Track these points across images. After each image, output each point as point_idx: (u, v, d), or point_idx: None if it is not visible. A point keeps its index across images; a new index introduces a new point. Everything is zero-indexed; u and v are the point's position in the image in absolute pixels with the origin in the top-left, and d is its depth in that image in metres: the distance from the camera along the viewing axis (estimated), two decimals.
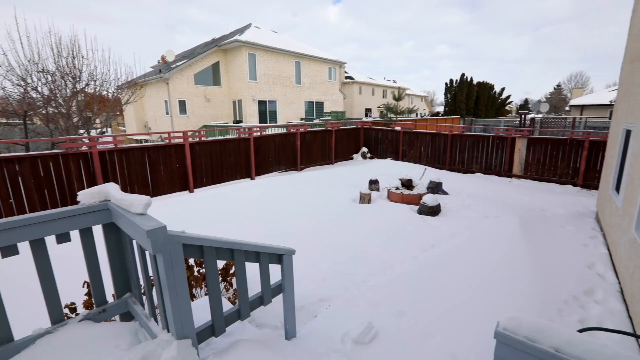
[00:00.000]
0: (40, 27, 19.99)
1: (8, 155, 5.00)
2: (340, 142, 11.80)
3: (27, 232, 1.59)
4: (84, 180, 5.68)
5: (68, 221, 1.70)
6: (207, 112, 19.05)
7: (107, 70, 11.87)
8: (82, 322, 1.83)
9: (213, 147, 7.72)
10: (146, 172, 6.51)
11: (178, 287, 1.51)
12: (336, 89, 25.21)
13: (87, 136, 6.23)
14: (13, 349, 1.60)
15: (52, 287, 1.74)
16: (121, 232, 1.89)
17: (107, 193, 1.82)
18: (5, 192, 4.93)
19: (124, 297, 2.02)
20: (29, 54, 9.91)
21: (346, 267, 3.81)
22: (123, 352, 1.63)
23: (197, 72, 18.41)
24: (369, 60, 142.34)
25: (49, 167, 5.31)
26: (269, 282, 2.08)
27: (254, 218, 5.37)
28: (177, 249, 1.49)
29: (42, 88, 10.20)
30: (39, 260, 1.67)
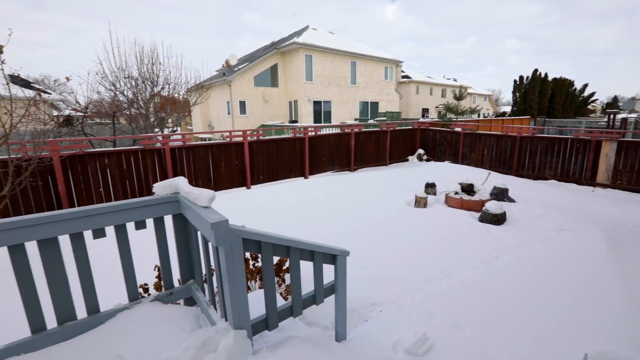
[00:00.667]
0: (127, 39, 22.74)
1: (100, 150, 5.77)
2: (395, 143, 11.46)
3: (113, 218, 1.79)
4: (157, 173, 6.32)
5: (145, 210, 1.88)
6: (265, 112, 19.92)
7: (179, 75, 13.06)
8: (153, 302, 2.00)
9: (270, 146, 8.04)
10: (209, 167, 7.03)
11: (237, 279, 1.57)
12: (392, 89, 24.58)
13: (161, 134, 6.92)
14: (99, 319, 1.81)
15: (130, 268, 1.94)
16: (188, 223, 2.03)
17: (177, 186, 1.97)
18: (97, 182, 5.70)
19: (187, 283, 2.17)
20: (118, 63, 11.32)
21: (399, 272, 3.67)
22: (186, 334, 1.74)
23: (256, 74, 19.35)
24: (427, 58, 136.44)
25: (130, 161, 6.02)
26: (322, 281, 2.07)
27: (306, 217, 5.45)
28: (237, 243, 1.55)
29: (127, 92, 11.59)
30: (121, 244, 1.87)
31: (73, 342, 1.70)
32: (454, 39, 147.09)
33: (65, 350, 1.63)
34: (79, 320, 1.79)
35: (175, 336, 1.73)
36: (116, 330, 1.77)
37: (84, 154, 5.56)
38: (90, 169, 5.64)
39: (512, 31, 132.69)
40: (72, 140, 5.79)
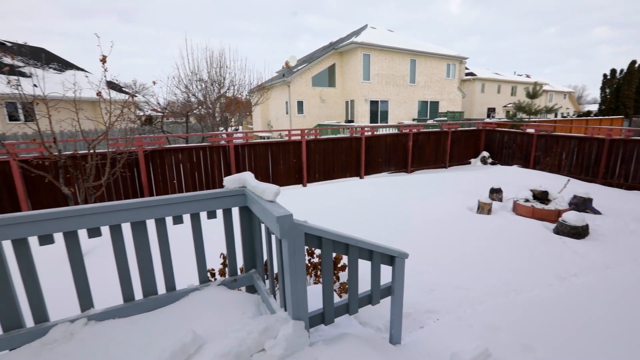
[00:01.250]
0: (200, 45, 24.86)
1: (175, 146, 6.43)
2: (456, 145, 10.81)
3: (190, 207, 1.98)
4: (222, 168, 6.83)
5: (216, 201, 2.05)
6: (322, 112, 20.23)
7: (243, 77, 13.92)
8: (219, 286, 2.18)
9: (326, 145, 8.15)
10: (268, 164, 7.38)
11: (298, 272, 1.64)
12: (454, 87, 23.19)
13: (226, 132, 7.46)
14: (175, 296, 2.02)
15: (202, 254, 2.13)
16: (253, 215, 2.16)
17: (244, 180, 2.10)
18: (172, 174, 6.36)
19: (249, 272, 2.31)
20: (192, 67, 12.44)
21: (458, 280, 3.47)
22: (248, 319, 1.86)
23: (314, 75, 19.73)
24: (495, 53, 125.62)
25: (199, 156, 6.60)
26: (379, 282, 2.05)
27: (360, 217, 5.42)
28: (300, 237, 1.61)
29: (198, 94, 12.70)
30: (195, 231, 2.06)
31: (155, 313, 1.92)
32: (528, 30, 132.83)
33: (149, 320, 1.86)
34: (159, 295, 2.03)
35: (239, 319, 1.86)
36: (189, 308, 1.96)
37: (163, 149, 6.24)
38: (167, 162, 6.31)
39: (603, 18, 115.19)
40: (153, 137, 6.53)
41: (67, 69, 17.85)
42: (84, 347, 1.65)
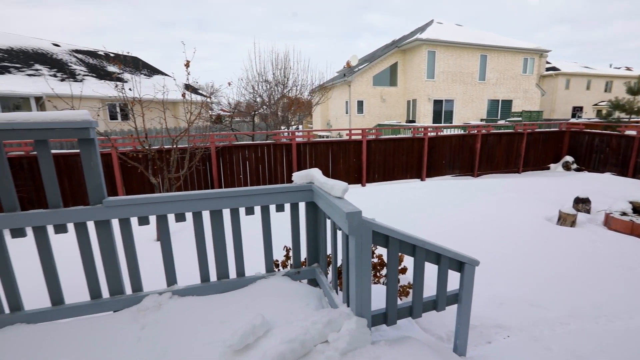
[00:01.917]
0: (266, 48, 26.14)
1: (242, 143, 6.90)
2: (533, 148, 9.75)
3: (261, 199, 2.12)
4: (284, 165, 7.14)
5: (285, 195, 2.15)
6: (382, 111, 19.87)
7: (306, 77, 14.34)
8: (283, 277, 2.28)
9: (387, 145, 8.00)
10: (328, 163, 7.50)
11: (363, 268, 1.64)
12: (531, 84, 20.91)
13: (289, 131, 7.77)
14: (244, 281, 2.18)
15: (269, 244, 2.26)
16: (318, 211, 2.22)
17: (312, 176, 2.17)
18: (239, 169, 6.85)
19: (312, 266, 2.38)
20: (258, 69, 13.19)
21: (534, 297, 3.13)
22: (311, 310, 1.92)
23: (375, 74, 19.45)
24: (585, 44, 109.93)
25: (263, 153, 6.99)
26: (445, 288, 1.96)
27: (421, 220, 5.21)
28: (368, 234, 1.61)
29: (263, 94, 13.41)
30: (265, 223, 2.19)
31: (227, 295, 2.09)
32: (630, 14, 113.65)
33: (222, 301, 2.03)
34: (230, 279, 2.20)
35: (303, 310, 1.92)
36: (256, 294, 2.09)
37: (232, 146, 6.74)
38: (235, 158, 6.81)
39: None
40: (223, 135, 7.09)
41: (154, 74, 20.22)
42: (169, 317, 1.87)
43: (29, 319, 1.86)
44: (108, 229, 1.91)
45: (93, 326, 1.83)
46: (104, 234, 1.91)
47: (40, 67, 15.65)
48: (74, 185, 5.77)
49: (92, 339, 1.72)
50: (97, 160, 1.82)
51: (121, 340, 1.71)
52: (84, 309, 1.95)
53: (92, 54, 19.98)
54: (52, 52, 17.83)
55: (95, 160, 1.81)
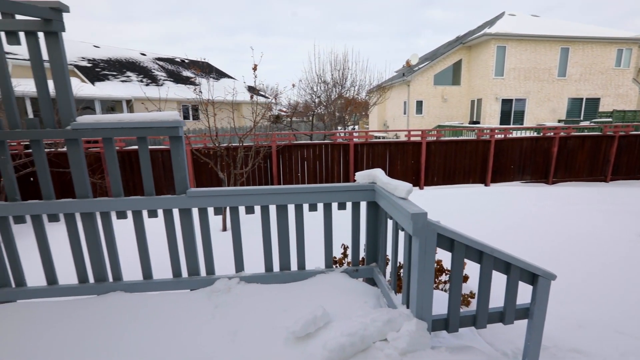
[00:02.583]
0: (325, 50, 26.60)
1: (301, 142, 7.15)
2: (626, 153, 8.46)
3: (323, 197, 2.20)
4: (341, 165, 7.23)
5: (347, 194, 2.20)
6: (442, 112, 18.93)
7: (364, 78, 14.27)
8: (342, 273, 2.34)
9: (448, 147, 7.62)
10: (385, 164, 7.40)
11: (426, 271, 1.62)
12: (626, 79, 18.10)
13: (347, 131, 7.84)
14: (304, 274, 2.28)
15: (330, 241, 2.33)
16: (379, 211, 2.23)
17: (375, 176, 2.19)
18: (297, 168, 7.12)
19: (371, 265, 2.40)
20: (317, 70, 13.49)
21: (622, 323, 2.75)
22: (370, 308, 1.94)
23: (437, 73, 18.59)
24: None
25: (321, 152, 7.15)
26: (514, 300, 1.83)
27: (485, 228, 4.88)
28: (432, 237, 1.58)
29: (321, 95, 13.69)
30: (327, 220, 2.27)
31: (288, 285, 2.21)
32: None
33: (284, 290, 2.15)
34: (292, 271, 2.32)
35: (361, 307, 1.96)
36: (316, 287, 2.18)
37: (291, 145, 7.02)
38: (294, 157, 7.08)
39: None
40: (284, 134, 7.41)
41: (222, 78, 21.84)
42: (238, 300, 2.05)
43: (126, 288, 2.18)
44: (189, 216, 2.15)
45: (174, 300, 2.08)
46: (186, 220, 2.16)
47: (131, 74, 17.94)
48: (157, 178, 6.56)
49: (175, 312, 1.96)
50: (183, 155, 2.07)
51: (198, 315, 1.93)
52: (167, 285, 2.23)
53: (170, 61, 22.29)
54: (140, 60, 20.30)
55: (181, 155, 2.06)
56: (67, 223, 2.13)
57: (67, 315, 1.94)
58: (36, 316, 1.93)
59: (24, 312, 1.99)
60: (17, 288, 2.17)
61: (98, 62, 17.57)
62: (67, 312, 1.96)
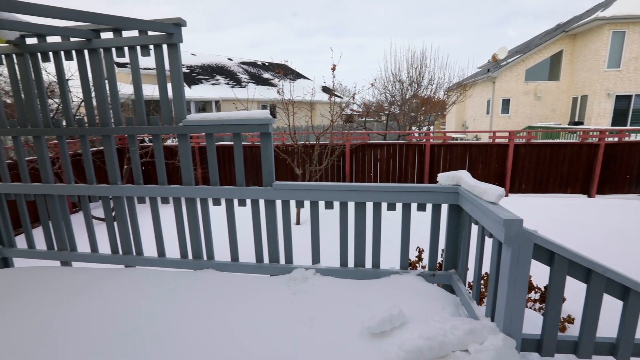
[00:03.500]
0: (402, 47, 25.86)
1: (375, 142, 7.10)
2: None
3: (402, 197, 2.16)
4: (415, 166, 6.97)
5: (428, 195, 2.13)
6: (534, 111, 16.80)
7: (443, 75, 13.44)
8: (417, 276, 2.27)
9: (542, 151, 6.73)
10: (465, 167, 6.89)
11: (518, 283, 1.48)
12: None
13: (424, 131, 7.52)
14: (378, 273, 2.28)
15: (406, 242, 2.28)
16: (462, 215, 2.11)
17: (459, 178, 2.08)
18: (369, 167, 7.09)
19: (449, 271, 2.28)
20: (393, 69, 13.17)
21: None
22: (448, 315, 1.86)
23: (529, 67, 16.55)
24: None
25: (395, 153, 7.00)
26: (633, 333, 1.56)
27: (591, 248, 4.20)
28: (528, 246, 1.45)
29: (396, 94, 13.34)
30: (405, 220, 2.23)
31: (362, 282, 2.24)
32: None
33: (358, 286, 2.18)
34: (366, 268, 2.34)
35: (439, 312, 1.88)
36: (391, 287, 2.16)
37: (364, 144, 7.02)
38: (367, 156, 7.07)
39: None
40: (358, 133, 7.44)
41: (298, 79, 22.83)
42: (314, 290, 2.15)
43: (217, 267, 2.46)
44: (274, 207, 2.33)
45: (257, 283, 2.28)
46: (270, 211, 2.34)
47: (219, 77, 19.96)
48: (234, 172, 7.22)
49: (258, 293, 2.15)
50: (272, 150, 2.24)
51: (278, 299, 2.08)
52: (250, 268, 2.45)
53: (253, 64, 24.13)
54: (227, 65, 22.44)
55: (270, 150, 2.24)
56: (175, 206, 2.50)
57: (171, 283, 2.28)
58: (150, 281, 2.31)
59: (141, 276, 2.39)
60: (137, 256, 2.63)
61: (194, 68, 19.96)
62: (172, 281, 2.30)
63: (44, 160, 2.60)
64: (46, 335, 1.78)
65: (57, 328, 1.83)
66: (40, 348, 1.70)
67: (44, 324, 1.87)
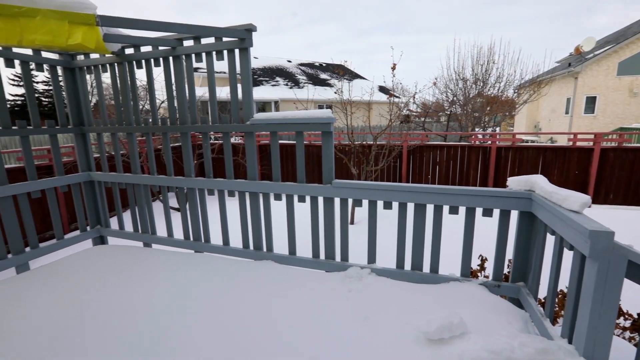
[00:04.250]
0: (467, 43, 24.27)
1: (434, 143, 6.80)
2: None
3: (464, 200, 2.06)
4: (478, 169, 6.51)
5: (495, 200, 1.99)
6: (628, 110, 14.55)
7: (513, 72, 12.31)
8: (480, 286, 2.14)
9: (637, 157, 5.81)
10: (537, 173, 6.24)
11: (605, 304, 1.32)
12: None
13: (490, 133, 6.99)
14: (436, 278, 2.21)
15: (469, 248, 2.17)
16: (536, 223, 1.93)
17: (533, 183, 1.91)
18: (427, 170, 6.82)
19: (517, 284, 2.11)
20: (456, 67, 12.44)
21: None
22: (516, 331, 1.72)
23: (624, 59, 14.36)
24: None
25: (456, 155, 6.62)
26: None
27: None
28: (620, 263, 1.28)
29: (458, 93, 12.57)
30: (468, 225, 2.12)
31: (419, 286, 2.18)
32: None
33: (414, 290, 2.13)
34: (423, 272, 2.27)
35: (504, 327, 1.75)
36: (450, 294, 2.07)
37: (423, 146, 6.76)
38: (425, 158, 6.80)
39: None
40: (416, 134, 7.20)
41: (355, 79, 22.78)
42: (369, 289, 2.15)
43: (275, 259, 2.59)
44: (332, 205, 2.38)
45: (313, 278, 2.35)
46: (328, 208, 2.40)
47: (279, 79, 20.80)
48: (294, 168, 7.47)
49: (314, 287, 2.22)
50: (332, 149, 2.29)
51: (333, 295, 2.12)
52: (307, 263, 2.53)
53: (310, 65, 24.67)
54: (286, 66, 23.28)
55: (330, 149, 2.29)
56: (239, 199, 2.69)
57: (233, 271, 2.45)
58: (217, 266, 2.52)
59: (208, 261, 2.62)
60: (205, 243, 2.88)
61: (256, 71, 21.08)
62: (235, 270, 2.48)
63: (135, 154, 2.99)
64: (131, 303, 2.05)
65: (139, 298, 2.10)
66: (126, 314, 1.96)
67: (132, 294, 2.16)
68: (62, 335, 1.78)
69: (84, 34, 1.84)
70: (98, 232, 3.32)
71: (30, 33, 1.69)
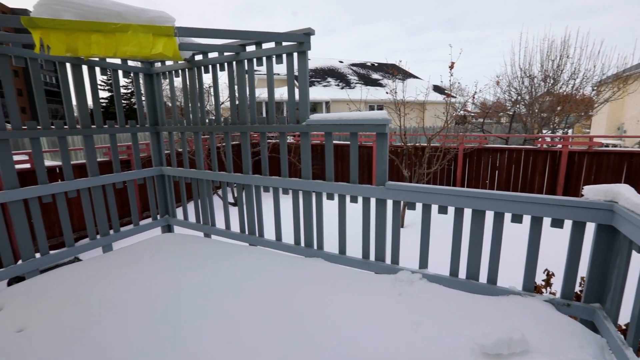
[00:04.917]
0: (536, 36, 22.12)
1: (494, 146, 6.33)
2: None
3: (529, 208, 1.90)
4: (545, 176, 5.92)
5: (567, 210, 1.81)
6: None
7: (593, 66, 10.95)
8: (545, 302, 1.96)
9: None
10: (619, 182, 5.49)
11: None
12: None
13: (560, 135, 6.33)
14: (494, 290, 2.07)
15: (533, 260, 2.00)
16: (617, 237, 1.72)
17: (616, 193, 1.70)
18: (485, 174, 6.38)
19: (592, 305, 1.90)
20: (522, 63, 11.43)
21: None
22: (589, 356, 1.56)
23: None
24: None
25: (519, 159, 6.09)
26: None
27: None
28: None
29: (523, 92, 11.53)
30: (534, 236, 1.96)
31: (474, 296, 2.06)
32: None
33: (469, 300, 2.02)
34: (480, 282, 2.15)
35: (575, 351, 1.60)
36: (509, 308, 1.93)
37: (481, 148, 6.34)
38: (483, 161, 6.37)
39: None
40: (474, 136, 6.78)
41: (407, 78, 22.11)
42: (420, 294, 2.09)
43: (325, 257, 2.64)
44: (384, 206, 2.36)
45: (363, 278, 2.35)
46: (380, 210, 2.39)
47: (330, 79, 20.99)
48: (345, 168, 7.51)
49: (364, 288, 2.22)
50: (387, 150, 2.28)
51: (383, 297, 2.11)
52: (356, 263, 2.54)
53: (362, 65, 24.48)
54: (337, 67, 23.39)
55: (385, 150, 2.27)
56: (293, 197, 2.79)
57: (285, 266, 2.55)
58: (270, 260, 2.65)
59: (261, 255, 2.76)
60: (259, 237, 3.04)
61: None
62: (287, 265, 2.58)
63: (200, 151, 3.26)
64: (192, 288, 2.25)
65: (200, 282, 2.29)
66: (189, 297, 2.15)
67: (192, 280, 2.36)
68: (138, 309, 2.02)
69: (165, 44, 2.06)
70: (166, 220, 3.69)
71: (123, 45, 1.95)
